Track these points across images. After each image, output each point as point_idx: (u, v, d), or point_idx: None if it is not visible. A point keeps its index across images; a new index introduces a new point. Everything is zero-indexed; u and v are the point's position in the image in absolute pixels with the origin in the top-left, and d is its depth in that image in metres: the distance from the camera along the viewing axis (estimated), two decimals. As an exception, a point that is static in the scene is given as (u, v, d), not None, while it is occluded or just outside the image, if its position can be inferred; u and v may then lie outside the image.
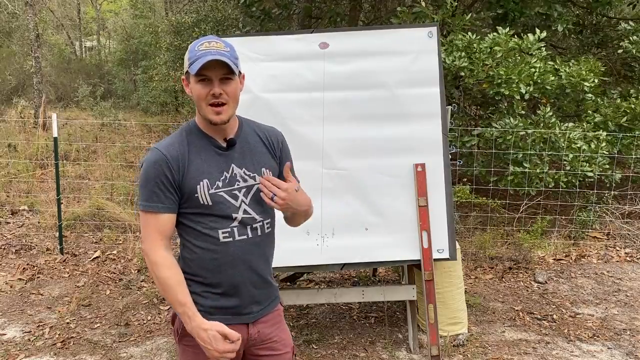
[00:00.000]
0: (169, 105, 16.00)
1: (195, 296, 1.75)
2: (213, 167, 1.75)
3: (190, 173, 1.72)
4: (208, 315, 1.73)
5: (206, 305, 1.77)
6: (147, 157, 1.72)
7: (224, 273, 1.75)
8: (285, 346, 1.91)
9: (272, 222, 1.87)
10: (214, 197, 1.73)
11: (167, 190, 1.70)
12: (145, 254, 1.72)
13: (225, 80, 1.69)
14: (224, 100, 1.69)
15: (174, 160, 1.70)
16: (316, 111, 3.36)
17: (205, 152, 1.75)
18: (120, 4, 26.54)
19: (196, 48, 1.69)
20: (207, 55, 1.64)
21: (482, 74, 5.43)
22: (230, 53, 1.70)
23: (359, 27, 5.41)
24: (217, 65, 1.65)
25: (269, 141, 1.87)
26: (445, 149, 3.41)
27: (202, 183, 1.72)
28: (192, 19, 11.27)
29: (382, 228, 3.38)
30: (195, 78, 1.68)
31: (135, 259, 5.16)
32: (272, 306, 1.89)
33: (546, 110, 5.48)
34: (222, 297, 1.77)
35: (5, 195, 6.84)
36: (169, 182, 1.70)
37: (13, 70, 17.83)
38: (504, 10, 6.55)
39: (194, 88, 1.70)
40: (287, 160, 1.92)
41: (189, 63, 1.69)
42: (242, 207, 1.77)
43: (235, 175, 1.77)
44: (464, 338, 3.73)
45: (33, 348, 3.62)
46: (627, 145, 5.79)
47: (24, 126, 10.86)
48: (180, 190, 1.72)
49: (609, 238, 5.87)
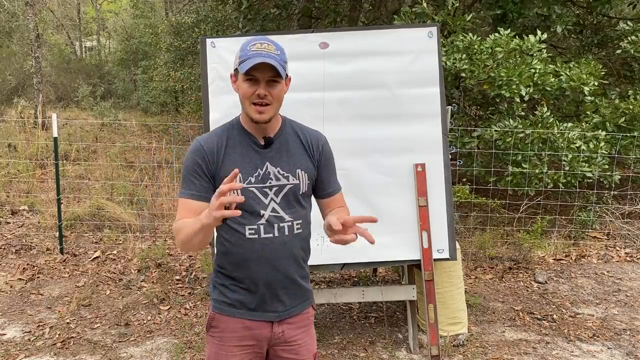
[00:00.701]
0: (169, 105, 16.02)
1: (223, 288, 1.83)
2: (248, 163, 1.78)
3: (225, 166, 1.77)
4: (233, 309, 1.81)
5: (232, 298, 1.82)
6: (189, 148, 1.80)
7: (248, 269, 1.78)
8: (308, 352, 1.92)
9: (304, 224, 1.86)
10: (244, 191, 1.76)
11: (200, 178, 1.76)
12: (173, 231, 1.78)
13: (272, 83, 1.72)
14: (268, 101, 1.73)
15: (209, 151, 1.77)
16: (316, 111, 3.36)
17: (243, 148, 1.79)
18: (120, 4, 26.56)
19: (248, 47, 1.72)
20: (258, 56, 1.68)
21: (483, 75, 5.43)
22: (280, 57, 1.73)
23: (359, 27, 5.41)
24: (266, 67, 1.69)
25: (309, 144, 1.88)
26: (445, 149, 3.41)
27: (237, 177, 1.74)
28: (192, 19, 11.28)
29: (382, 228, 3.38)
30: (243, 77, 1.72)
31: (135, 259, 5.16)
32: (300, 308, 1.89)
33: (543, 110, 5.48)
34: (247, 293, 1.80)
35: (5, 195, 6.84)
36: (202, 171, 1.76)
37: (13, 70, 17.83)
38: (502, 11, 6.56)
39: (241, 86, 1.74)
40: (327, 164, 1.90)
41: (239, 61, 1.73)
42: (271, 205, 1.79)
43: (268, 174, 1.79)
44: (464, 338, 3.74)
45: (33, 348, 3.62)
46: (625, 146, 5.80)
47: (24, 126, 10.86)
48: (214, 181, 1.77)
49: (609, 238, 5.87)
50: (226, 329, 1.83)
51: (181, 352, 3.56)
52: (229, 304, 1.82)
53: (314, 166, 1.87)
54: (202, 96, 3.43)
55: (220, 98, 3.40)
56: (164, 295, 4.44)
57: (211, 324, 1.86)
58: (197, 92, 10.89)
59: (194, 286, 4.66)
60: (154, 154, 9.25)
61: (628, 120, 5.77)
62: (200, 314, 4.14)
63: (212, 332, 1.86)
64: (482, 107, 6.39)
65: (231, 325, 1.82)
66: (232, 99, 3.40)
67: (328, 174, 1.92)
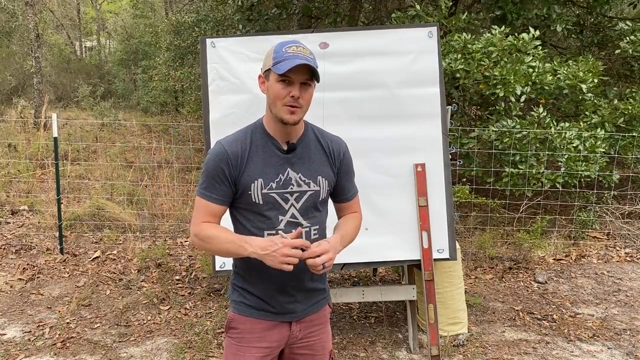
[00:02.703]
0: (169, 105, 16.02)
1: (242, 290, 1.85)
2: (270, 168, 1.78)
3: (248, 171, 1.77)
4: (253, 310, 1.83)
5: (252, 300, 1.84)
6: (211, 150, 1.79)
7: (266, 273, 1.78)
8: (324, 348, 1.94)
9: (321, 230, 1.88)
10: (265, 197, 1.77)
11: (223, 184, 1.76)
12: (193, 233, 1.79)
13: (305, 86, 1.74)
14: (299, 105, 1.73)
15: (233, 156, 1.76)
16: (316, 111, 3.36)
17: (265, 152, 1.79)
18: (119, 5, 26.56)
19: (283, 49, 1.71)
20: (297, 58, 1.67)
21: (478, 74, 5.43)
22: (314, 61, 1.74)
23: (359, 27, 5.42)
24: (303, 69, 1.70)
25: (330, 150, 1.88)
26: (445, 149, 3.41)
27: (257, 182, 1.77)
28: (192, 19, 11.27)
29: (382, 228, 3.38)
30: (277, 77, 1.71)
31: (135, 259, 5.16)
32: (317, 307, 1.91)
33: (539, 110, 5.48)
34: (265, 295, 1.82)
35: (5, 195, 6.84)
36: (224, 177, 1.76)
37: (13, 70, 17.83)
38: (502, 12, 6.56)
39: (274, 87, 1.72)
40: (347, 171, 1.93)
41: (273, 62, 1.71)
42: (291, 210, 1.80)
43: (290, 179, 1.80)
44: (464, 338, 3.74)
45: (33, 348, 3.62)
46: (624, 146, 5.80)
47: (24, 126, 10.87)
48: (236, 186, 1.78)
49: (609, 238, 5.87)
50: (245, 330, 1.84)
51: (181, 352, 3.56)
52: (248, 305, 1.83)
53: (334, 173, 1.89)
54: (202, 96, 3.43)
55: (220, 98, 3.39)
56: (164, 295, 4.44)
57: (230, 325, 1.87)
58: (197, 91, 10.89)
59: (194, 286, 4.66)
60: (154, 154, 9.25)
61: (627, 120, 5.77)
62: (200, 314, 4.14)
63: (231, 334, 1.87)
64: (481, 107, 6.40)
65: (250, 326, 1.83)
66: (232, 98, 3.40)
67: (347, 181, 1.94)
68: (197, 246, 1.81)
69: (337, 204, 1.98)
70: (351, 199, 1.97)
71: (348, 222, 1.95)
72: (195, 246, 1.82)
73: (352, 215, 1.99)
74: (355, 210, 2.00)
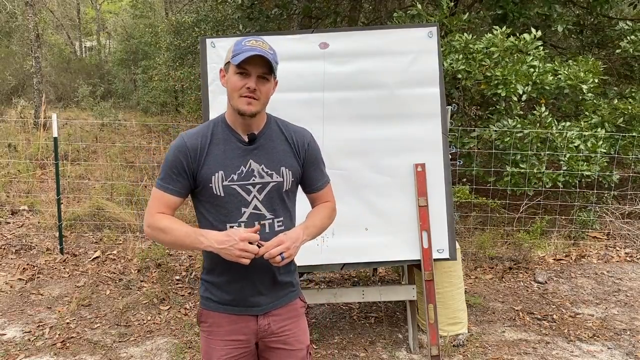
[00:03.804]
0: (169, 105, 16.03)
1: (208, 285, 1.87)
2: (231, 160, 1.79)
3: (208, 163, 1.77)
4: (218, 305, 1.85)
5: (217, 294, 1.85)
6: (173, 142, 1.82)
7: (228, 265, 1.78)
8: (299, 342, 1.93)
9: (287, 222, 1.87)
10: (227, 189, 1.78)
11: (180, 176, 1.78)
12: (146, 223, 1.80)
13: (262, 79, 1.74)
14: (257, 97, 1.74)
15: (192, 149, 1.77)
16: (316, 111, 3.36)
17: (227, 145, 1.80)
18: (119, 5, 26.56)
19: (243, 43, 1.74)
20: (253, 50, 1.70)
21: (479, 75, 5.43)
22: (273, 56, 1.75)
23: (359, 27, 5.41)
24: (259, 62, 1.71)
25: (294, 141, 1.89)
26: (445, 149, 3.41)
27: (218, 174, 1.77)
28: (192, 19, 11.27)
29: (382, 228, 3.38)
30: (235, 69, 1.73)
31: (135, 259, 5.16)
32: (285, 300, 1.91)
33: (541, 110, 5.48)
34: (229, 288, 1.83)
35: (5, 195, 6.84)
36: (182, 169, 1.77)
37: (13, 70, 17.84)
38: (503, 11, 6.56)
39: (231, 79, 1.75)
40: (313, 161, 1.92)
41: (232, 55, 1.73)
42: (254, 202, 1.80)
43: (252, 171, 1.80)
44: (464, 338, 3.74)
45: (33, 348, 3.62)
46: (624, 146, 5.80)
47: (24, 126, 10.86)
48: (196, 179, 1.79)
49: (609, 238, 5.87)
50: (213, 324, 1.87)
51: (181, 352, 3.56)
52: (214, 300, 1.86)
53: (299, 164, 1.89)
54: (202, 96, 3.43)
55: (221, 98, 3.39)
56: (164, 295, 4.44)
57: (200, 319, 1.90)
58: (197, 91, 10.88)
59: (194, 286, 4.66)
60: (153, 154, 9.25)
61: (627, 120, 5.77)
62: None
63: (202, 327, 1.90)
64: (481, 107, 6.40)
65: (217, 320, 1.86)
66: (232, 99, 3.40)
67: (314, 171, 1.94)
68: (150, 237, 1.81)
69: (308, 194, 1.98)
70: (322, 189, 1.97)
71: (316, 212, 1.95)
72: (149, 237, 1.82)
73: (322, 204, 1.99)
74: (327, 199, 2.00)
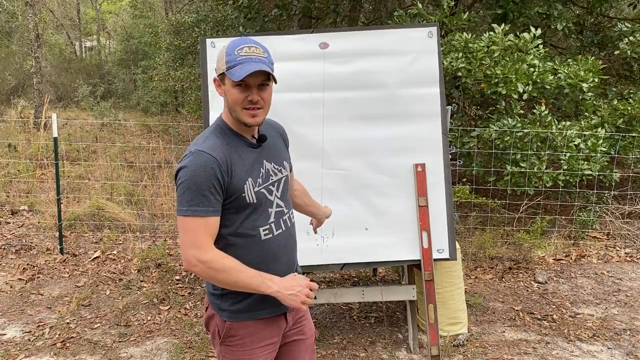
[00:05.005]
0: (169, 105, 16.03)
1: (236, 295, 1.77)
2: (252, 166, 1.76)
3: (236, 174, 1.70)
4: (250, 312, 1.78)
5: (248, 302, 1.77)
6: (192, 160, 1.64)
7: (266, 269, 1.74)
8: (310, 330, 1.99)
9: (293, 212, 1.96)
10: (258, 195, 1.75)
11: (217, 194, 1.66)
12: (197, 259, 1.63)
13: (263, 87, 1.69)
14: (260, 106, 1.70)
15: (223, 162, 1.66)
16: (316, 111, 3.36)
17: (242, 151, 1.75)
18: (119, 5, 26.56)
19: (235, 52, 1.65)
20: (249, 62, 1.63)
21: (480, 73, 5.43)
22: (268, 59, 1.69)
23: (359, 27, 5.41)
24: (258, 73, 1.64)
25: (281, 134, 1.97)
26: (445, 149, 3.41)
27: (248, 182, 1.73)
28: (192, 19, 11.26)
29: (382, 228, 3.38)
30: (233, 82, 1.66)
31: (135, 259, 5.16)
32: None
33: (542, 109, 5.48)
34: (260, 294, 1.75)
35: (5, 195, 6.84)
36: (219, 185, 1.65)
37: (13, 70, 17.84)
38: (503, 11, 6.56)
39: (231, 92, 1.68)
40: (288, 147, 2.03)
41: (227, 66, 1.66)
42: (275, 200, 1.81)
43: (268, 171, 1.81)
44: (464, 338, 3.74)
45: (33, 348, 3.62)
46: (624, 147, 5.79)
47: (23, 126, 10.86)
48: (227, 192, 1.69)
49: (609, 238, 5.87)
50: (246, 334, 1.79)
51: (181, 352, 3.56)
52: (244, 310, 1.77)
53: (289, 154, 1.98)
54: (202, 96, 3.43)
55: (220, 98, 3.38)
56: (164, 295, 4.43)
57: (229, 334, 1.78)
58: (197, 91, 10.89)
59: (194, 286, 4.65)
60: (153, 154, 9.25)
61: (626, 121, 5.77)
62: (200, 314, 4.14)
63: (229, 342, 1.79)
64: (481, 106, 6.40)
65: (250, 330, 1.78)
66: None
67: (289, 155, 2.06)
68: (201, 274, 1.66)
69: None
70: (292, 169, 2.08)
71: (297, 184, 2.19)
72: (197, 273, 1.66)
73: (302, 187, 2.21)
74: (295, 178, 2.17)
